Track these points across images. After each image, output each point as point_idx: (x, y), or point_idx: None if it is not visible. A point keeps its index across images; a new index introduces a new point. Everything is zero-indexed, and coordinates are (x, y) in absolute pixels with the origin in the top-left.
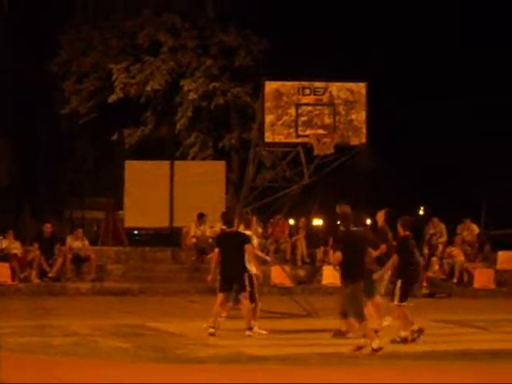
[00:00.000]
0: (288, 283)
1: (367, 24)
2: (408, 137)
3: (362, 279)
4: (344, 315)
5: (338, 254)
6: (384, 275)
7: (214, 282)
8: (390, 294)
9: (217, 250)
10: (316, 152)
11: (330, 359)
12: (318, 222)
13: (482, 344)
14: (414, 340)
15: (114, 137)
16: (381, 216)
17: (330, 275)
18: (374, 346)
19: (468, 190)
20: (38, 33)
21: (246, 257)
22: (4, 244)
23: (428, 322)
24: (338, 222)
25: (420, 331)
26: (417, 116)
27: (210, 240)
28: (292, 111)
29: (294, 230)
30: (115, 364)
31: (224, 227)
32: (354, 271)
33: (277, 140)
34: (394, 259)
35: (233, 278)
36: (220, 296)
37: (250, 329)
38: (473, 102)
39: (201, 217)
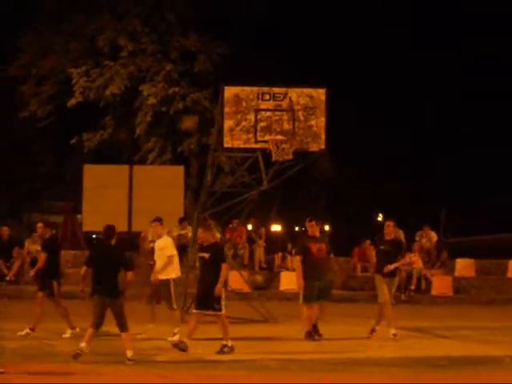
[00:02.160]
0: (246, 288)
1: (329, 28)
2: (368, 143)
3: None
4: None
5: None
6: None
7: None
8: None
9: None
10: (274, 158)
11: (289, 365)
12: (276, 227)
13: (440, 351)
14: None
15: (73, 141)
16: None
17: (288, 281)
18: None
19: (428, 197)
20: None
21: None
22: None
23: (385, 329)
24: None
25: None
26: (377, 123)
27: None
28: (251, 117)
29: (252, 236)
30: (70, 368)
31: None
32: None
33: (235, 145)
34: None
35: None
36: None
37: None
38: (437, 107)
39: (158, 221)
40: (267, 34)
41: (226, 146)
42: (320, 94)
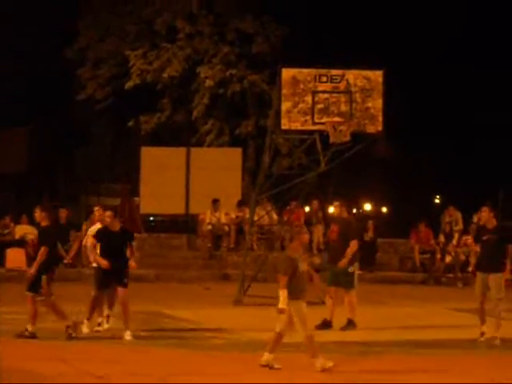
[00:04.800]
0: None
1: (386, 11)
2: (424, 125)
3: None
4: None
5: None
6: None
7: None
8: None
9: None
10: (332, 140)
11: (350, 347)
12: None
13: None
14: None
15: (131, 123)
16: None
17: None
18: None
19: (485, 179)
20: (55, 19)
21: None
22: (19, 230)
23: (442, 310)
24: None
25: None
26: (434, 105)
27: (226, 227)
28: (308, 98)
29: (311, 218)
30: (128, 350)
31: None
32: None
33: (293, 127)
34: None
35: None
36: None
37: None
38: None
39: (215, 202)
40: (324, 15)
41: (283, 128)
42: (377, 75)
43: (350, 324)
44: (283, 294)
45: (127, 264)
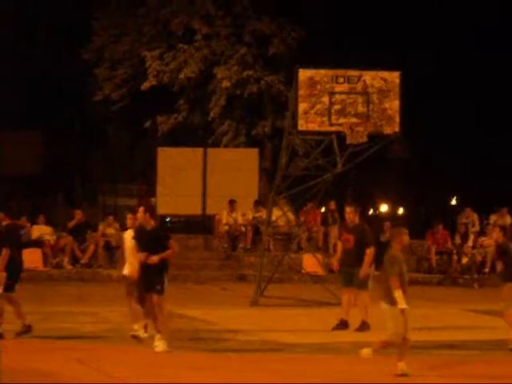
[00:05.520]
0: (320, 271)
1: (403, 13)
2: (442, 126)
3: None
4: None
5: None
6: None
7: None
8: None
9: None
10: (349, 140)
11: (361, 348)
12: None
13: None
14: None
15: (147, 124)
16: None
17: None
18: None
19: (503, 181)
20: (71, 19)
21: None
22: (36, 231)
23: (459, 311)
24: None
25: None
26: (452, 106)
27: (243, 228)
28: (325, 99)
29: (327, 218)
30: (142, 351)
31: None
32: None
33: (310, 128)
34: None
35: None
36: None
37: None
38: None
39: (231, 203)
40: (341, 17)
41: (300, 128)
42: (394, 76)
43: (364, 325)
44: (399, 294)
45: (163, 266)
